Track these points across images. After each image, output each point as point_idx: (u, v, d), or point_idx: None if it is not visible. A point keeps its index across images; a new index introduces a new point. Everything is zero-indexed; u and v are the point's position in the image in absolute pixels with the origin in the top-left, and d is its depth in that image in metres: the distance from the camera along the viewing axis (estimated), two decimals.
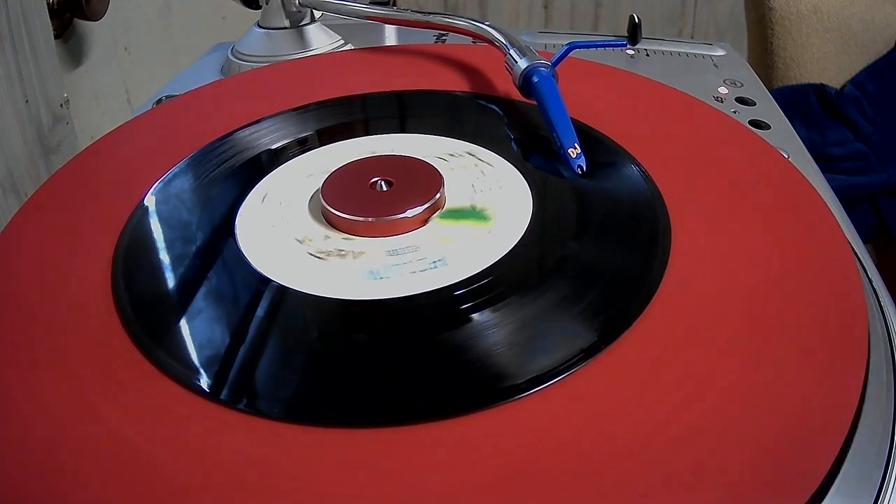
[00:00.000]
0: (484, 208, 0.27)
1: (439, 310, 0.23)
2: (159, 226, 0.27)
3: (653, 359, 0.21)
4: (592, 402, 0.20)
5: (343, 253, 0.25)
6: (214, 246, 0.26)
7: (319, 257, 0.25)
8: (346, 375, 0.21)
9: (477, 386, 0.20)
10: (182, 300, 0.24)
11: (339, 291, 0.23)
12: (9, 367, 0.22)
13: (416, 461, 0.18)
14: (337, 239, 0.26)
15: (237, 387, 0.21)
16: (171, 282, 0.25)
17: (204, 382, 0.21)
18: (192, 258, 0.26)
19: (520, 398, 0.20)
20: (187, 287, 0.25)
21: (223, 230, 0.27)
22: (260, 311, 0.23)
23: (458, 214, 0.27)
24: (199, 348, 0.22)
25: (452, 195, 0.28)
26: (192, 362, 0.22)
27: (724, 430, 0.19)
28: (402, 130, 0.33)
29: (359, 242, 0.26)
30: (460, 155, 0.30)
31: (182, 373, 0.21)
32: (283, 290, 0.24)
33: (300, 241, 0.26)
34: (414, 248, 0.25)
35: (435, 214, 0.27)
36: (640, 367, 0.21)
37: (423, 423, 0.19)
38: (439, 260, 0.24)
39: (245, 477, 0.18)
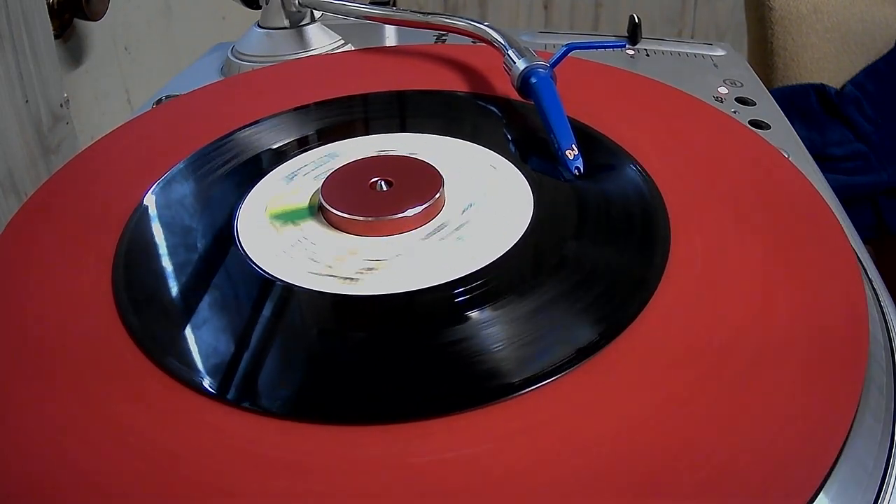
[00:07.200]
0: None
1: (440, 307, 0.23)
2: (160, 225, 0.27)
3: (651, 359, 0.21)
4: (590, 401, 0.20)
5: (344, 251, 0.25)
6: (215, 245, 0.26)
7: (320, 255, 0.25)
8: (347, 373, 0.21)
9: (475, 384, 0.20)
10: (184, 300, 0.24)
11: (341, 289, 0.24)
12: (9, 369, 0.22)
13: (418, 459, 0.18)
14: (337, 238, 0.26)
15: (243, 386, 0.21)
16: (172, 281, 0.25)
17: (208, 383, 0.21)
18: (194, 257, 0.26)
19: (518, 396, 0.20)
20: (188, 286, 0.25)
21: (224, 229, 0.27)
22: (262, 309, 0.23)
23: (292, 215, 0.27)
24: (202, 348, 0.22)
25: (453, 194, 0.28)
26: (196, 362, 0.22)
27: (723, 431, 0.19)
28: (402, 130, 0.33)
29: (358, 241, 0.26)
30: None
31: (187, 373, 0.21)
32: (285, 287, 0.24)
33: (301, 240, 0.26)
34: (411, 250, 0.25)
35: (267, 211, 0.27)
36: (638, 367, 0.21)
37: (424, 421, 0.19)
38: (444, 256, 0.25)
39: (249, 477, 0.18)
